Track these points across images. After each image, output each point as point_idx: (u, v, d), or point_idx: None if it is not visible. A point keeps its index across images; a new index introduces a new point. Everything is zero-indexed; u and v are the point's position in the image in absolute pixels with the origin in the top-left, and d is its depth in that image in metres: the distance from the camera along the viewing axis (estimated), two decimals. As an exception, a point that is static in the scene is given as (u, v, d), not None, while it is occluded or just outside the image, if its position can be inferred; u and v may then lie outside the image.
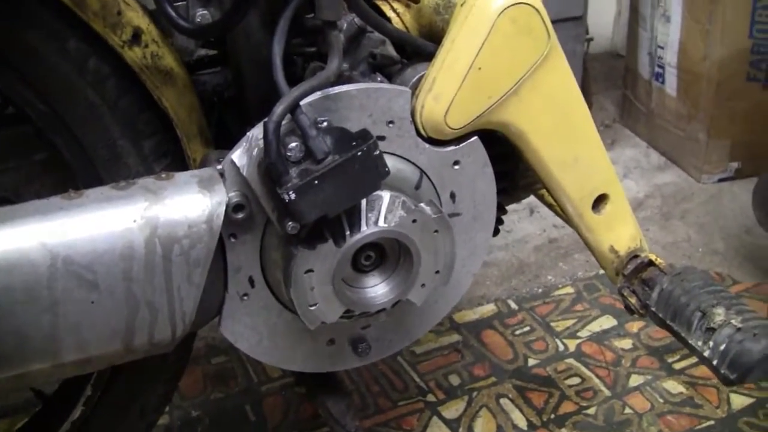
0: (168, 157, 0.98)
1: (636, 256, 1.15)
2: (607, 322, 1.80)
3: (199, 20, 0.96)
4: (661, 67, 2.45)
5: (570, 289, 1.92)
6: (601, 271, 1.95)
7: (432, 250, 0.92)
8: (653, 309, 1.09)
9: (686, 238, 2.13)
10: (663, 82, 2.45)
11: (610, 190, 1.11)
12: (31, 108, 0.92)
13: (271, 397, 1.62)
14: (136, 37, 0.92)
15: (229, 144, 0.87)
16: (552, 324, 1.79)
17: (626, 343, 1.73)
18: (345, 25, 0.97)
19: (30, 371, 0.82)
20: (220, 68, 1.11)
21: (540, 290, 1.92)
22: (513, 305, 1.86)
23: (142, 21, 0.92)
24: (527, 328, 1.78)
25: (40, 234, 0.79)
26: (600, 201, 1.11)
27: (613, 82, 2.88)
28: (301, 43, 1.02)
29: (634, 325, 1.77)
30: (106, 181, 0.92)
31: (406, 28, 1.04)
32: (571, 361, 1.67)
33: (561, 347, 1.71)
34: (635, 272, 1.15)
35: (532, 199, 1.42)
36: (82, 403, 1.07)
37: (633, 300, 1.14)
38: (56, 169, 1.00)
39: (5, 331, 0.78)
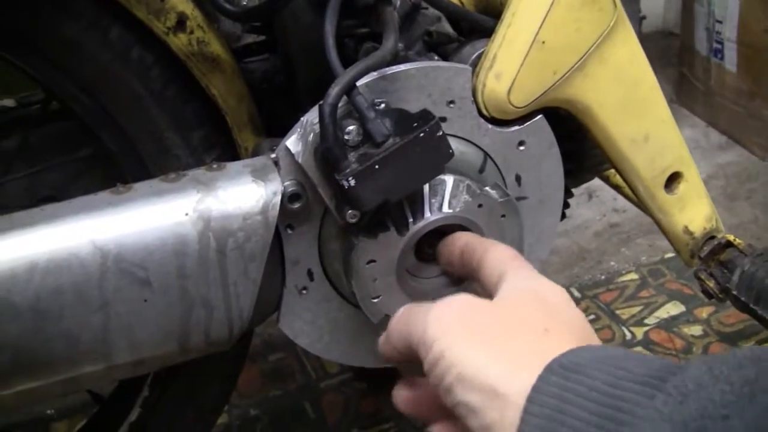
0: (218, 148, 0.94)
1: (712, 237, 1.09)
2: (674, 308, 1.74)
3: (244, 3, 0.92)
4: (720, 42, 2.36)
5: (634, 275, 1.86)
6: (666, 255, 1.90)
7: (499, 236, 0.86)
8: (734, 292, 1.03)
9: (753, 219, 2.05)
10: (722, 58, 2.37)
11: (684, 168, 1.05)
12: (75, 102, 0.89)
13: (330, 394, 1.59)
14: (181, 23, 0.88)
15: (281, 133, 0.82)
16: (617, 311, 1.73)
17: (696, 330, 1.66)
18: (398, 1, 0.92)
19: (82, 374, 0.78)
20: (268, 55, 1.07)
21: (603, 277, 1.86)
22: (576, 293, 1.80)
23: (186, 6, 0.88)
24: (592, 316, 1.72)
25: (88, 231, 0.75)
26: (673, 180, 1.05)
27: (667, 60, 2.79)
28: (352, 24, 0.97)
29: (704, 311, 1.71)
30: (155, 175, 0.88)
31: (462, 2, 0.99)
32: (639, 349, 1.62)
33: (628, 335, 1.66)
34: (712, 254, 1.09)
35: (590, 183, 1.36)
36: (139, 404, 1.04)
37: (711, 284, 1.08)
38: (103, 165, 0.97)
39: (55, 334, 0.74)
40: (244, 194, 0.79)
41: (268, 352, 1.70)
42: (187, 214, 0.77)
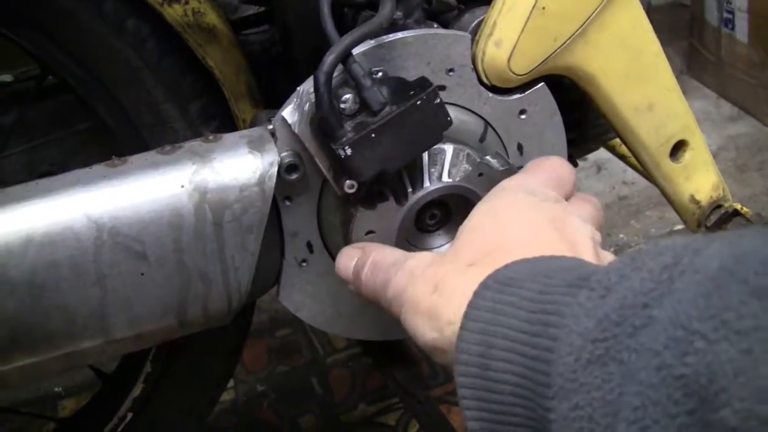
0: (216, 120, 0.93)
1: (719, 206, 1.08)
2: (684, 279, 1.72)
3: (241, -28, 0.91)
4: (731, 12, 2.33)
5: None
6: (676, 227, 1.88)
7: (500, 206, 0.85)
8: (742, 261, 1.01)
9: (764, 190, 2.03)
10: (733, 29, 2.34)
11: (689, 136, 1.03)
12: (71, 75, 0.88)
13: (337, 369, 1.59)
14: (176, -7, 0.87)
15: (280, 104, 0.81)
16: (626, 284, 1.72)
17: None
18: (397, -31, 0.91)
19: (81, 349, 0.78)
20: (267, 26, 1.06)
21: (612, 249, 1.85)
22: (585, 266, 1.79)
23: (181, -24, 0.87)
24: (601, 290, 1.71)
25: (83, 205, 0.74)
26: (678, 148, 1.03)
27: (677, 32, 2.76)
28: (350, -8, 0.96)
29: (713, 282, 1.69)
30: (152, 147, 0.87)
31: (462, -30, 0.98)
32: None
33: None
34: (719, 223, 1.07)
35: (598, 155, 1.35)
36: (142, 380, 1.04)
37: (717, 253, 1.06)
38: (102, 139, 0.96)
39: (52, 308, 0.74)
40: (240, 166, 0.78)
41: (275, 327, 1.70)
42: (182, 186, 0.76)
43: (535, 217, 0.65)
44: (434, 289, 0.62)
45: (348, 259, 0.75)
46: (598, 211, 0.74)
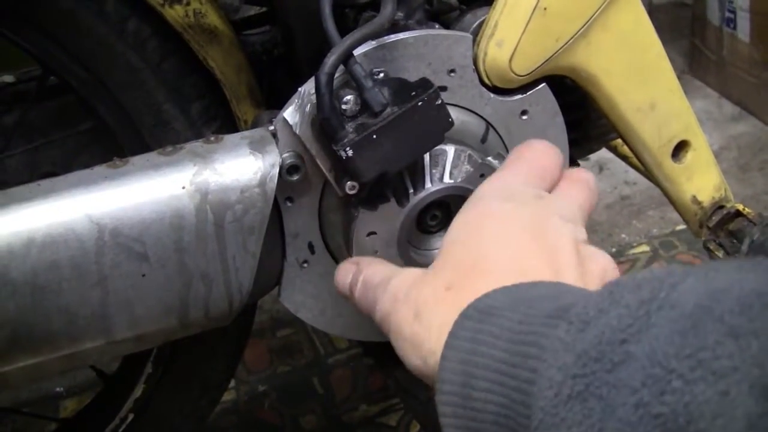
0: (217, 121, 0.93)
1: (721, 207, 1.07)
2: (686, 280, 1.72)
3: (243, -27, 0.91)
4: (732, 11, 2.33)
5: (645, 248, 1.84)
6: (678, 227, 1.88)
7: (502, 207, 0.85)
8: (743, 262, 1.01)
9: (767, 190, 2.03)
10: (734, 28, 2.33)
11: (691, 136, 1.03)
12: (72, 76, 0.88)
13: (338, 370, 1.59)
14: (177, -6, 0.87)
15: (282, 105, 0.81)
16: (628, 284, 1.72)
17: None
18: (398, -30, 0.91)
19: (83, 350, 0.78)
20: (268, 27, 1.06)
21: (614, 250, 1.85)
22: (586, 266, 1.79)
23: (182, -23, 0.87)
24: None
25: (84, 206, 0.74)
26: (680, 149, 1.03)
27: (679, 32, 2.76)
28: (352, -7, 0.96)
29: (715, 282, 1.69)
30: (153, 148, 0.87)
31: (464, -30, 0.98)
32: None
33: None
34: (721, 224, 1.07)
35: (601, 155, 1.35)
36: (143, 381, 1.04)
37: (720, 254, 1.06)
38: (104, 140, 0.96)
39: (53, 309, 0.74)
40: (241, 167, 0.78)
41: (276, 328, 1.70)
42: (184, 188, 0.76)
43: (512, 230, 0.63)
44: (415, 316, 0.61)
45: (344, 275, 0.74)
46: (589, 190, 0.71)
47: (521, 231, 0.63)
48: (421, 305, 0.62)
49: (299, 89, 0.79)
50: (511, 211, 0.65)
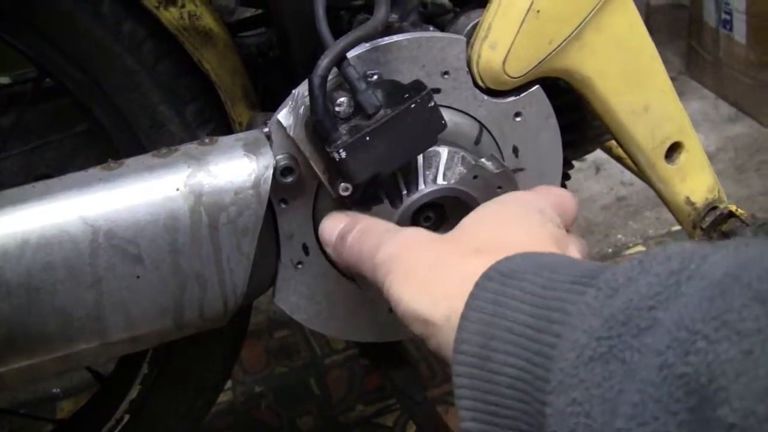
0: (212, 122, 0.93)
1: (714, 208, 1.08)
2: (681, 280, 1.72)
3: (237, -25, 0.91)
4: (729, 13, 2.33)
5: (641, 248, 1.85)
6: (674, 228, 1.89)
7: (495, 209, 0.86)
8: (736, 263, 1.01)
9: (763, 191, 2.03)
10: (731, 29, 2.34)
11: (684, 138, 1.04)
12: (68, 78, 0.88)
13: (335, 370, 1.59)
14: (172, -4, 0.87)
15: (277, 106, 0.82)
16: (624, 285, 1.72)
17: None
18: (392, -28, 0.91)
19: (78, 351, 0.78)
20: (264, 29, 1.06)
21: (610, 250, 1.85)
22: (582, 267, 1.79)
23: (177, -21, 0.87)
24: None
25: (79, 208, 0.74)
26: (673, 150, 1.04)
27: (676, 33, 2.76)
28: (346, -5, 0.96)
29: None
30: (149, 150, 0.88)
31: (457, -27, 0.98)
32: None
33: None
34: (714, 225, 1.07)
35: (597, 156, 1.35)
36: (139, 382, 1.04)
37: (713, 255, 1.06)
38: (99, 141, 0.96)
39: (48, 310, 0.74)
40: (235, 168, 0.78)
41: (273, 329, 1.70)
42: (178, 189, 0.76)
43: (538, 230, 0.65)
44: (433, 262, 0.62)
45: (335, 221, 0.76)
46: (585, 254, 0.73)
47: (548, 236, 0.65)
48: (441, 255, 0.62)
49: (293, 91, 0.79)
50: (540, 219, 0.67)
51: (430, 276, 0.61)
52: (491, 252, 0.59)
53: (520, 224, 0.66)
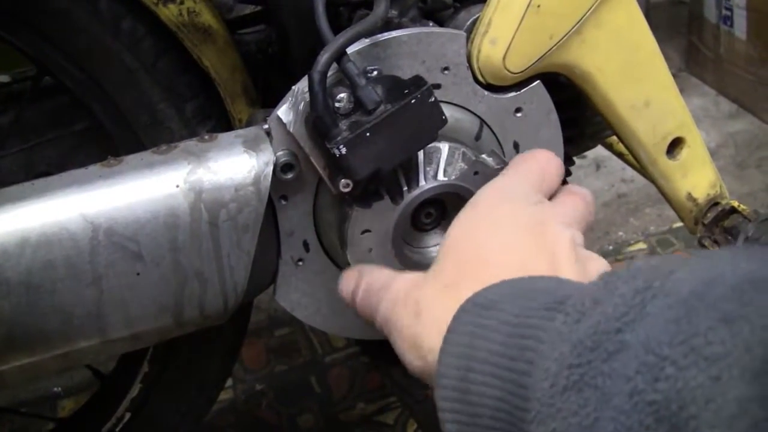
0: (212, 119, 0.93)
1: (716, 204, 1.08)
2: (683, 277, 1.72)
3: (237, -28, 0.91)
4: (729, 9, 2.33)
5: (642, 245, 1.84)
6: (675, 225, 1.88)
7: (496, 205, 0.85)
8: (738, 259, 1.01)
9: (764, 187, 2.03)
10: (731, 25, 2.33)
11: (686, 133, 1.03)
12: (67, 76, 0.88)
13: (336, 368, 1.59)
14: (171, -7, 0.87)
15: (277, 103, 0.81)
16: (625, 282, 1.72)
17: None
18: (392, -32, 0.91)
19: (78, 349, 0.78)
20: (263, 26, 1.06)
21: (611, 247, 1.85)
22: (584, 264, 1.79)
23: (175, -25, 0.87)
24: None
25: (79, 205, 0.74)
26: (675, 146, 1.03)
27: (676, 30, 2.76)
28: (346, -9, 0.96)
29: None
30: (148, 147, 0.87)
31: (457, -32, 0.98)
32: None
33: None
34: (716, 220, 1.07)
35: (597, 153, 1.35)
36: (139, 380, 1.04)
37: (715, 250, 1.06)
38: (99, 139, 0.96)
39: (48, 308, 0.74)
40: (235, 165, 0.78)
41: (273, 327, 1.70)
42: (178, 186, 0.76)
43: (512, 229, 0.64)
44: (416, 315, 0.62)
45: (346, 283, 0.76)
46: (587, 204, 0.72)
47: (520, 231, 0.64)
48: (422, 305, 0.62)
49: (293, 87, 0.79)
50: (511, 213, 0.66)
51: (415, 333, 0.62)
52: (465, 284, 0.59)
53: (491, 234, 0.65)
